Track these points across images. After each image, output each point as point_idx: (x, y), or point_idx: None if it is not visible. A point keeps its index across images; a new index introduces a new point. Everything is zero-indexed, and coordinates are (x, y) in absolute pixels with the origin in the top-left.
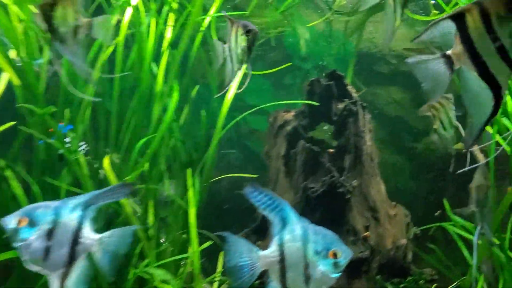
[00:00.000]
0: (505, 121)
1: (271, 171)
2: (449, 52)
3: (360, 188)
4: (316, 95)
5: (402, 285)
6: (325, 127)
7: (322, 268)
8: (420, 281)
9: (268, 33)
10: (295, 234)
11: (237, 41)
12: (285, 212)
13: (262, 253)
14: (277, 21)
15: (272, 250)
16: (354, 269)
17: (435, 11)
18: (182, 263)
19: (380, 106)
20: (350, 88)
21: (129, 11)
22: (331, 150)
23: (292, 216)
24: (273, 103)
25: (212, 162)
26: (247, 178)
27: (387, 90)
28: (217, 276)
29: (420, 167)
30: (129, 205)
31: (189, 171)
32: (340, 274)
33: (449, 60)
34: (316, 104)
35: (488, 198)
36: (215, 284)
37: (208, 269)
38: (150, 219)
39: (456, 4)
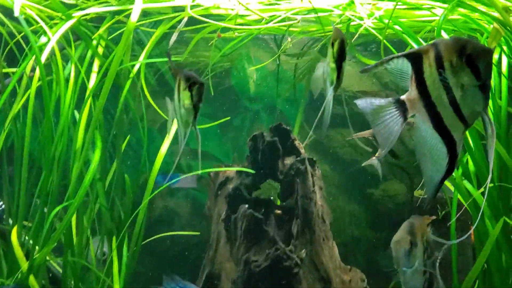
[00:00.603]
0: (466, 184)
1: (212, 234)
2: (403, 97)
3: (310, 257)
4: (260, 151)
5: None
6: (272, 186)
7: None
8: None
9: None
10: None
11: (180, 98)
12: None
13: None
14: (222, 59)
15: None
16: None
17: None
18: None
19: (335, 150)
20: (297, 143)
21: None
22: (278, 212)
23: None
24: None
25: (142, 226)
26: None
27: (341, 133)
28: None
29: (378, 214)
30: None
31: (114, 240)
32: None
33: (402, 107)
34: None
35: (412, 256)
36: None
37: None
38: None
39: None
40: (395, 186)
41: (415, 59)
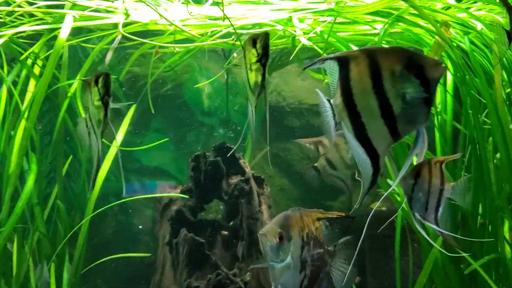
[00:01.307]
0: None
1: (158, 257)
2: (332, 101)
3: (258, 279)
4: (203, 172)
5: None
6: (217, 207)
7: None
8: None
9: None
10: None
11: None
12: None
13: None
14: (174, 72)
15: None
16: None
17: None
18: None
19: (293, 162)
20: (242, 162)
21: None
22: (225, 233)
23: None
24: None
25: (82, 249)
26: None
27: (298, 145)
28: None
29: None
30: None
31: (52, 266)
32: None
33: (332, 111)
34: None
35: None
36: None
37: None
38: None
39: None
40: (355, 198)
41: (343, 64)
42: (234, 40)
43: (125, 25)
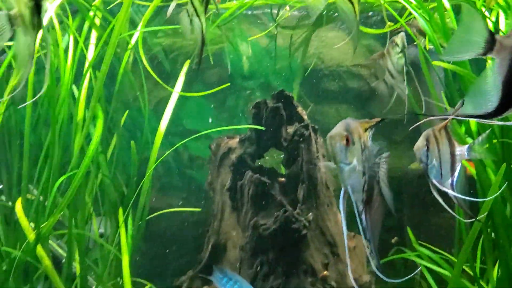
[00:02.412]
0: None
1: (215, 205)
2: None
3: (317, 222)
4: (263, 118)
5: None
6: (275, 154)
7: None
8: None
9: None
10: None
11: None
12: None
13: None
14: (215, 36)
15: None
16: None
17: (390, 23)
18: None
19: (329, 126)
20: (300, 110)
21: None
22: (282, 179)
23: None
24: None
25: (147, 198)
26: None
27: (336, 108)
28: None
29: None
30: (47, 257)
31: (120, 212)
32: None
33: None
34: (263, 128)
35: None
36: None
37: None
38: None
39: (410, 14)
40: (390, 160)
41: None
42: None
43: None
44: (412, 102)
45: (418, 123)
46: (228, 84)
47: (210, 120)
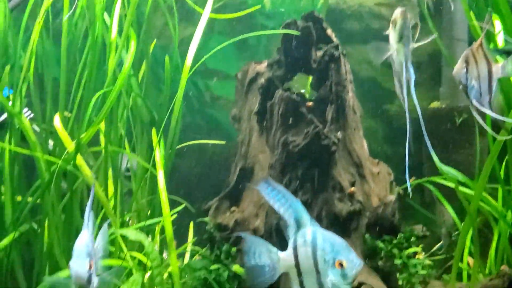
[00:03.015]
0: None
1: (241, 135)
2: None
3: (344, 142)
4: (293, 39)
5: (394, 242)
6: (303, 77)
7: (332, 278)
8: (412, 238)
9: None
10: (306, 239)
11: None
12: (298, 213)
13: (281, 254)
14: None
15: (288, 254)
16: (343, 227)
17: None
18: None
19: (351, 67)
20: (330, 32)
21: None
22: (310, 103)
23: (305, 218)
24: None
25: (177, 123)
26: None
27: (358, 49)
28: (189, 245)
29: (394, 130)
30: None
31: (154, 130)
32: (349, 286)
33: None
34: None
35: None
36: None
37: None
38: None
39: None
40: (412, 102)
41: None
42: None
43: None
44: None
45: None
46: None
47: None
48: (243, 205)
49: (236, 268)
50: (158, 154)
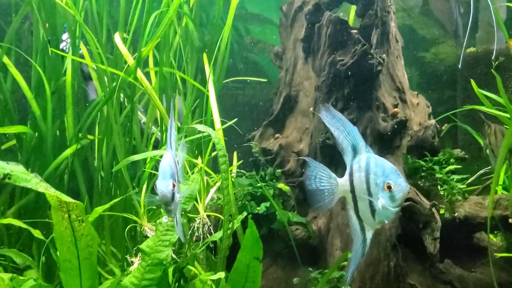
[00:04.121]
0: None
1: (287, 62)
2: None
3: (387, 67)
4: None
5: (435, 159)
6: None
7: (382, 200)
8: (451, 160)
9: None
10: (360, 164)
11: None
12: (355, 140)
13: (339, 180)
14: None
15: (345, 179)
16: (386, 145)
17: None
18: None
19: None
20: None
21: None
22: (355, 31)
23: (361, 145)
24: None
25: (226, 47)
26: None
27: None
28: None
29: (428, 77)
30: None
31: (204, 55)
32: (397, 209)
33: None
34: None
35: None
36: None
37: None
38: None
39: None
40: (446, 49)
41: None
42: None
43: None
44: None
45: None
46: None
47: None
48: (286, 131)
49: (281, 185)
50: (209, 72)
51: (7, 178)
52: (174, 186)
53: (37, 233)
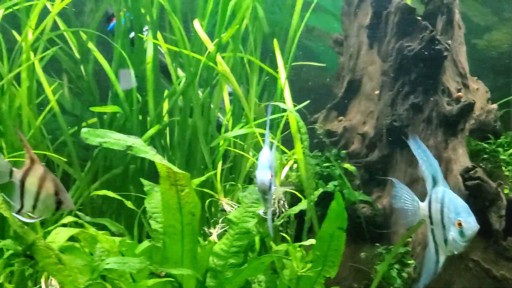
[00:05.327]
0: None
1: (351, 48)
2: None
3: (451, 53)
4: None
5: (498, 141)
6: None
7: (452, 234)
8: None
9: None
10: (437, 196)
11: None
12: (435, 172)
13: (421, 204)
14: None
15: (425, 204)
16: (450, 128)
17: None
18: None
19: None
20: None
21: None
22: (419, 18)
23: (439, 177)
24: None
25: (295, 34)
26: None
27: None
28: None
29: (482, 63)
30: None
31: (275, 40)
32: (466, 244)
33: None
34: None
35: None
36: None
37: None
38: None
39: None
40: (499, 36)
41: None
42: None
43: None
44: None
45: None
46: None
47: None
48: (350, 115)
49: (347, 165)
50: (280, 61)
51: (129, 149)
52: (271, 176)
53: (129, 204)
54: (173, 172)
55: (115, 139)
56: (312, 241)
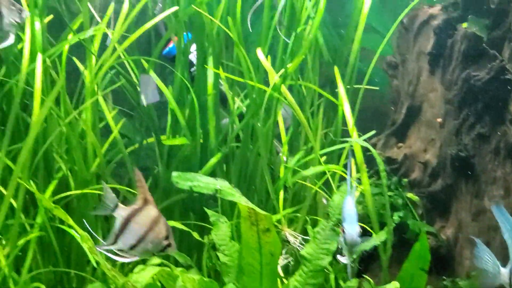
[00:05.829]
0: None
1: (410, 73)
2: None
3: None
4: None
5: None
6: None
7: None
8: None
9: None
10: None
11: None
12: None
13: (502, 269)
14: None
15: (506, 271)
16: None
17: None
18: None
19: None
20: None
21: None
22: (486, 47)
23: None
24: None
25: (355, 60)
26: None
27: None
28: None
29: None
30: None
31: (336, 68)
32: None
33: None
34: None
35: None
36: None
37: None
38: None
39: None
40: None
41: None
42: None
43: None
44: None
45: None
46: None
47: None
48: (409, 141)
49: (410, 195)
50: (342, 89)
51: (218, 193)
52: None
53: (196, 235)
54: (255, 212)
55: (205, 183)
56: (396, 284)
